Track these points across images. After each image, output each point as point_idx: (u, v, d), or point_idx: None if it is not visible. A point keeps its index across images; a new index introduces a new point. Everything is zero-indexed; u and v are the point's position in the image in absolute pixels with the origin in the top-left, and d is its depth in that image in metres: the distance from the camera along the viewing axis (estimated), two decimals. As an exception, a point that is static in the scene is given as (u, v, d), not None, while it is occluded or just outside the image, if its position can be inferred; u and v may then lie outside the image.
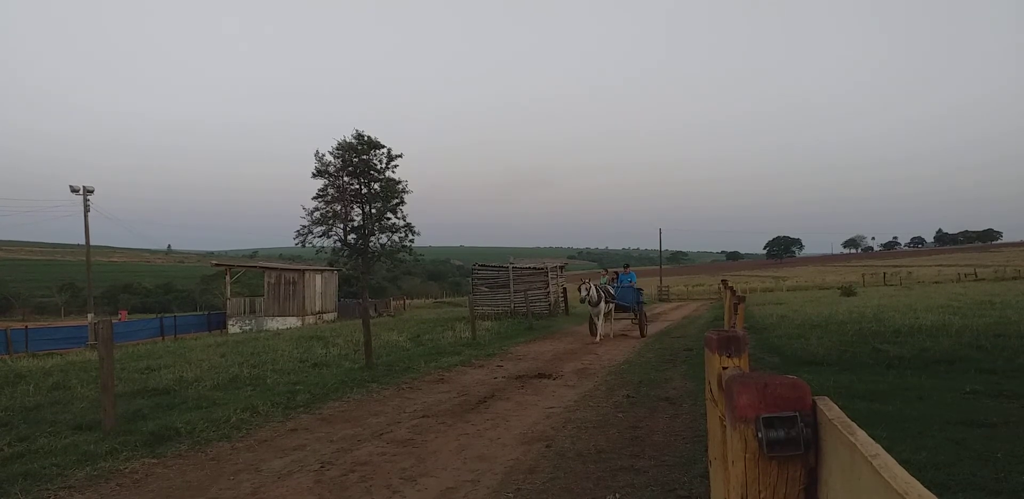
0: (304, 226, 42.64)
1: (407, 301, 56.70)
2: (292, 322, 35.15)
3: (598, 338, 15.40)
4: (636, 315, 17.25)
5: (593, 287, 15.24)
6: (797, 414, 1.13)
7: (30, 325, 34.22)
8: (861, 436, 0.95)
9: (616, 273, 18.78)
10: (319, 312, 38.40)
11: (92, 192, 35.30)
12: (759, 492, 1.20)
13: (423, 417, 7.27)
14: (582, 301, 15.31)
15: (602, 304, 15.50)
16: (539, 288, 26.27)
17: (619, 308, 17.14)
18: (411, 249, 44.74)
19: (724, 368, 1.85)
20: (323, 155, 42.52)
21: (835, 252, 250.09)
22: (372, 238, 43.09)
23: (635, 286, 17.84)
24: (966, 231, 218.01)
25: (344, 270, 44.64)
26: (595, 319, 15.72)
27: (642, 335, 16.52)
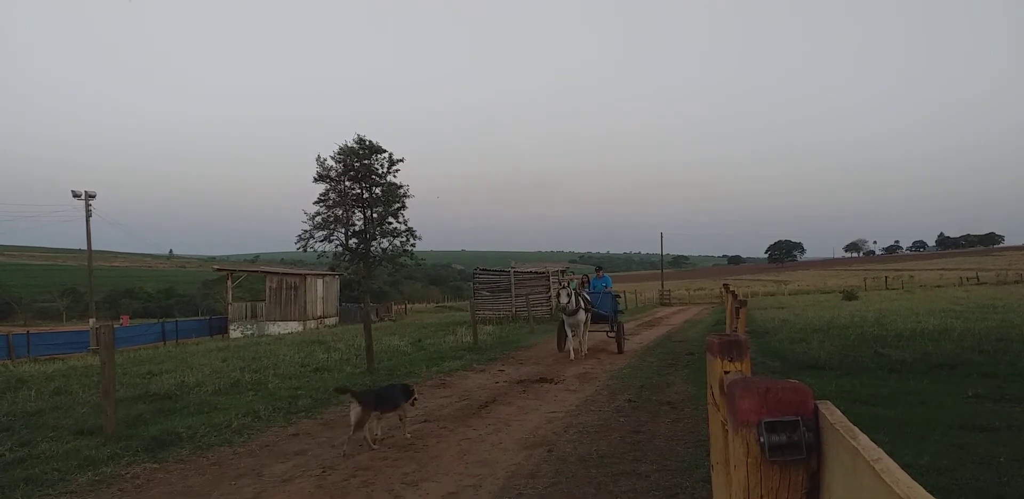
0: (305, 231, 42.67)
1: (408, 305, 56.66)
2: (293, 327, 35.13)
3: (572, 355, 12.69)
4: (612, 327, 14.33)
5: (572, 293, 12.98)
6: (799, 418, 1.13)
7: (32, 330, 34.29)
8: (863, 440, 0.95)
9: (586, 277, 16.16)
10: (320, 317, 38.41)
11: (94, 197, 35.36)
12: (761, 497, 1.20)
13: (424, 422, 7.27)
14: (561, 311, 12.81)
15: (580, 313, 12.86)
16: (540, 292, 26.28)
17: (595, 318, 14.17)
18: (412, 253, 44.73)
19: (726, 372, 1.85)
20: (324, 160, 42.57)
21: (837, 256, 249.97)
22: (373, 242, 43.11)
23: (611, 292, 15.22)
24: (968, 235, 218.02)
25: (345, 274, 44.68)
26: (568, 331, 13.08)
27: (619, 350, 13.60)
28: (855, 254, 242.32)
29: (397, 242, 43.80)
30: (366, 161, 42.74)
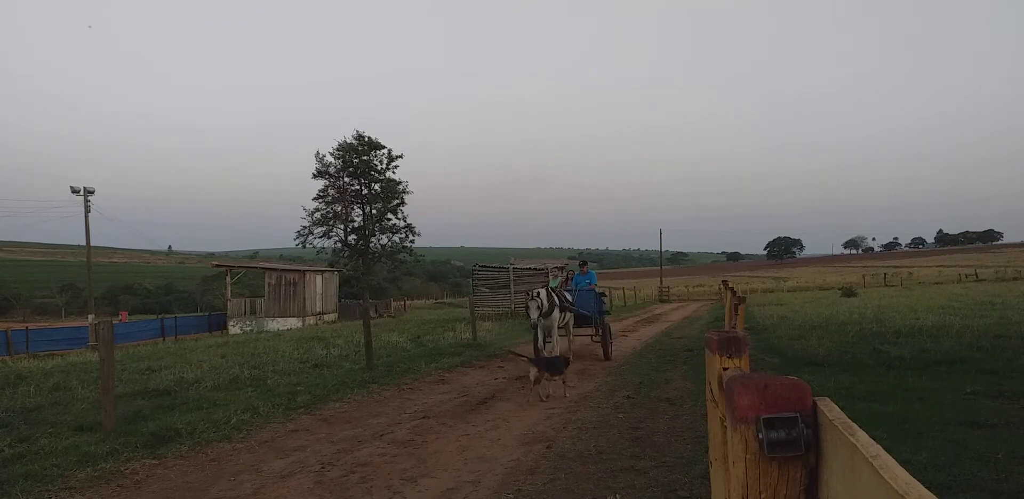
0: (304, 227, 42.68)
1: (407, 302, 56.66)
2: (293, 323, 35.13)
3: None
4: (597, 330, 12.51)
5: (544, 293, 10.82)
6: (798, 415, 1.13)
7: (31, 326, 34.21)
8: (862, 437, 0.95)
9: (569, 274, 14.22)
10: (320, 313, 38.40)
11: (93, 193, 35.29)
12: (760, 493, 1.20)
13: (424, 418, 7.27)
14: (534, 325, 10.32)
15: (555, 314, 10.88)
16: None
17: (578, 320, 12.39)
18: (411, 250, 44.75)
19: (725, 369, 1.85)
20: (323, 156, 42.56)
21: (836, 253, 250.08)
22: (372, 239, 43.09)
23: (596, 289, 13.29)
24: (967, 232, 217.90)
25: (344, 271, 44.64)
26: (540, 334, 10.62)
27: (606, 357, 11.98)
28: (854, 251, 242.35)
29: (396, 238, 43.83)
30: (365, 157, 42.69)
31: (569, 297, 12.14)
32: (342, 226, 42.73)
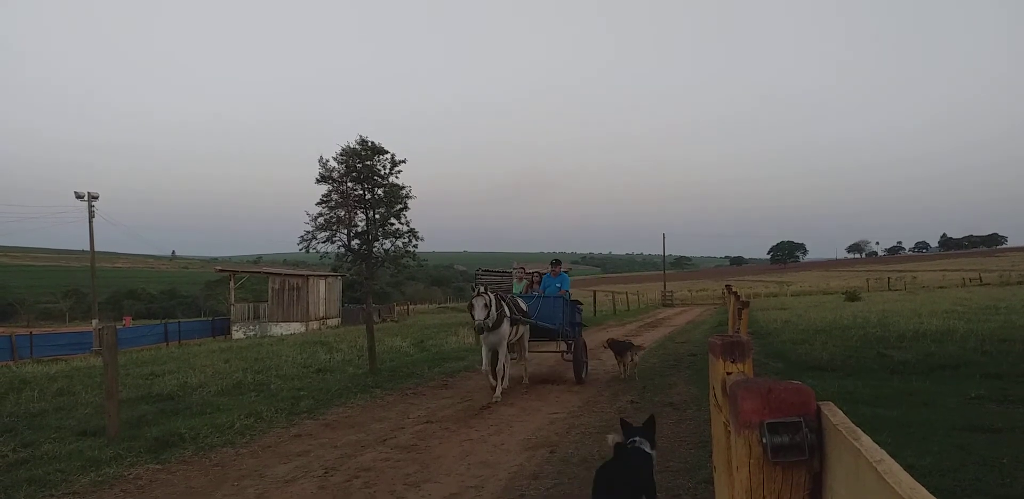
0: (308, 232, 42.85)
1: (411, 306, 56.62)
2: (296, 328, 35.13)
3: (496, 391, 8.60)
4: (568, 346, 10.57)
5: (493, 300, 8.73)
6: (801, 419, 1.14)
7: (34, 331, 34.32)
8: (865, 441, 0.95)
9: (537, 275, 11.76)
10: (323, 318, 38.41)
11: (97, 198, 35.42)
12: (764, 497, 1.20)
13: (427, 423, 7.27)
14: (479, 330, 8.64)
15: (505, 326, 8.88)
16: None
17: (538, 333, 10.38)
18: (414, 254, 44.87)
19: (728, 373, 1.85)
20: (327, 161, 42.77)
21: (839, 257, 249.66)
22: (376, 243, 43.22)
23: (567, 296, 10.74)
24: (971, 236, 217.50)
25: (348, 275, 44.74)
26: (484, 352, 8.95)
27: (577, 379, 9.85)
28: (857, 255, 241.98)
29: (399, 243, 43.94)
30: (368, 162, 42.87)
31: (524, 305, 9.91)
32: (345, 231, 42.88)
